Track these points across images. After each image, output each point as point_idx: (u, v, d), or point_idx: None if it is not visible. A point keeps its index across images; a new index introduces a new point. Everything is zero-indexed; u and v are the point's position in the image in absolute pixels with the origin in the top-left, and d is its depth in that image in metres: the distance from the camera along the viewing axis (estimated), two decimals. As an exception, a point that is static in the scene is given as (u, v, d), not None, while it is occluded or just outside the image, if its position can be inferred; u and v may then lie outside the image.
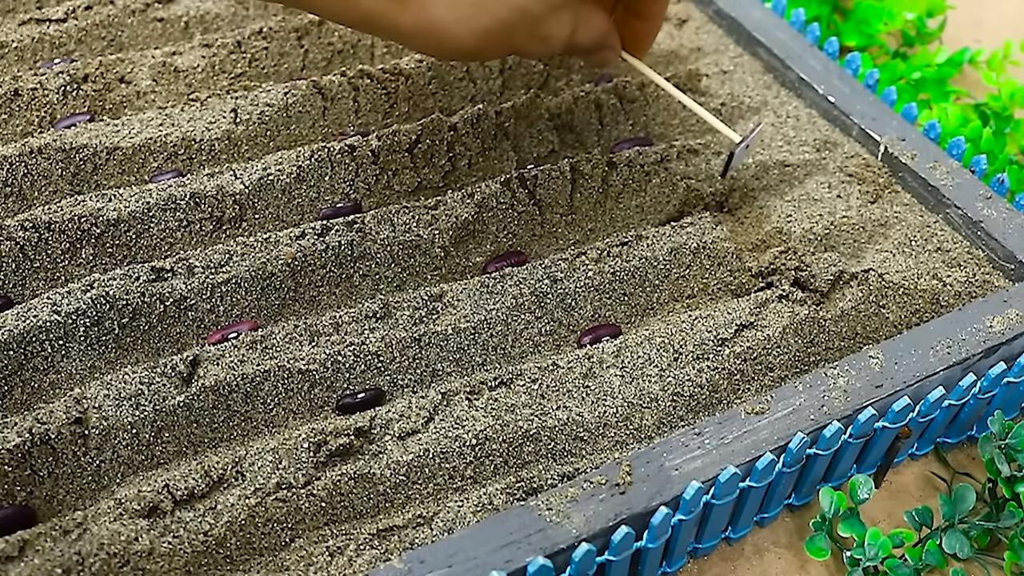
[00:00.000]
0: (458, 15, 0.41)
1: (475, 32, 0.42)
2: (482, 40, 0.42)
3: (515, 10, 0.42)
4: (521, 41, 0.44)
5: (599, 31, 0.48)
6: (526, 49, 0.46)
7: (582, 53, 0.50)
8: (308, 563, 0.41)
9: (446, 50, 0.43)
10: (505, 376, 0.46)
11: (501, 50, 0.45)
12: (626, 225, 0.55)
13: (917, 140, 0.59)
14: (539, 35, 0.45)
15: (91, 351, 0.46)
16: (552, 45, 0.46)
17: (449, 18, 0.41)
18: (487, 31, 0.42)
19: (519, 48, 0.46)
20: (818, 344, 0.49)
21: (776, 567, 0.46)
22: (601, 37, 0.48)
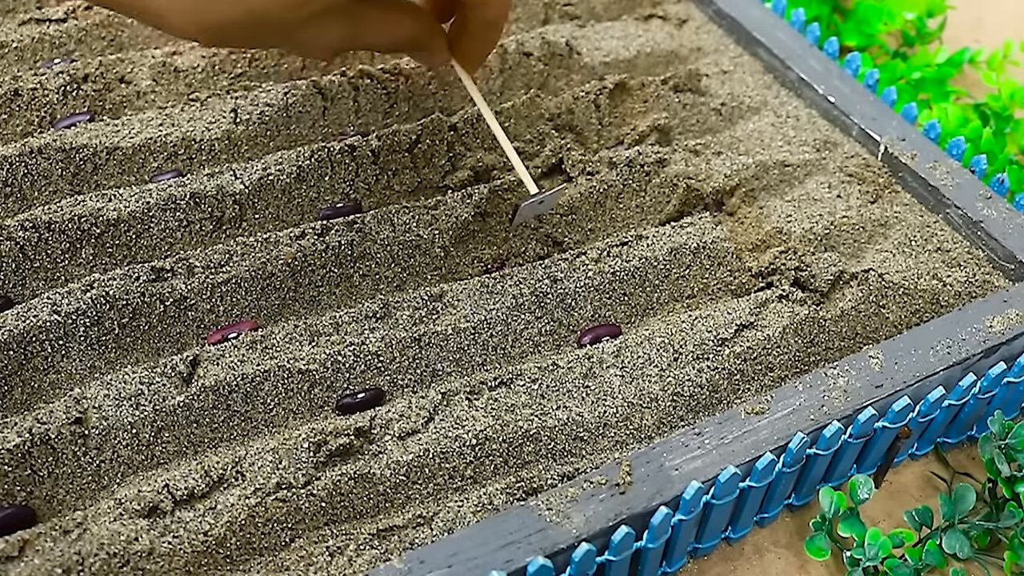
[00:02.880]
0: (184, 7, 0.37)
1: (199, 25, 0.38)
2: (210, 35, 0.39)
3: (244, 11, 0.37)
4: (273, 41, 0.41)
5: (402, 35, 0.45)
6: (288, 48, 0.43)
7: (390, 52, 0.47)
8: (308, 563, 0.41)
9: (178, 36, 0.40)
10: (505, 376, 0.46)
11: (247, 44, 0.42)
12: (626, 225, 0.55)
13: (917, 140, 0.59)
14: (295, 40, 0.41)
15: (91, 351, 0.46)
16: (316, 50, 0.42)
17: (173, 8, 0.37)
18: (215, 26, 0.38)
19: (276, 46, 0.43)
20: (818, 344, 0.49)
21: (776, 567, 0.46)
22: (407, 41, 0.45)
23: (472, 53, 0.48)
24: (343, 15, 0.41)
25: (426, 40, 0.46)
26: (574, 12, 0.69)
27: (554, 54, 0.63)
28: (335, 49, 0.42)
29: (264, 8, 0.38)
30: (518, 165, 0.48)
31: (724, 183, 0.56)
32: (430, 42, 0.46)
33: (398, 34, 0.44)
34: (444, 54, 0.47)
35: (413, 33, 0.45)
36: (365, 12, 0.43)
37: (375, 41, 0.44)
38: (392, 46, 0.45)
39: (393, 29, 0.44)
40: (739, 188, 0.57)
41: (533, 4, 0.68)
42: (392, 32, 0.44)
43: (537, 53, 0.62)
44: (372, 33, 0.43)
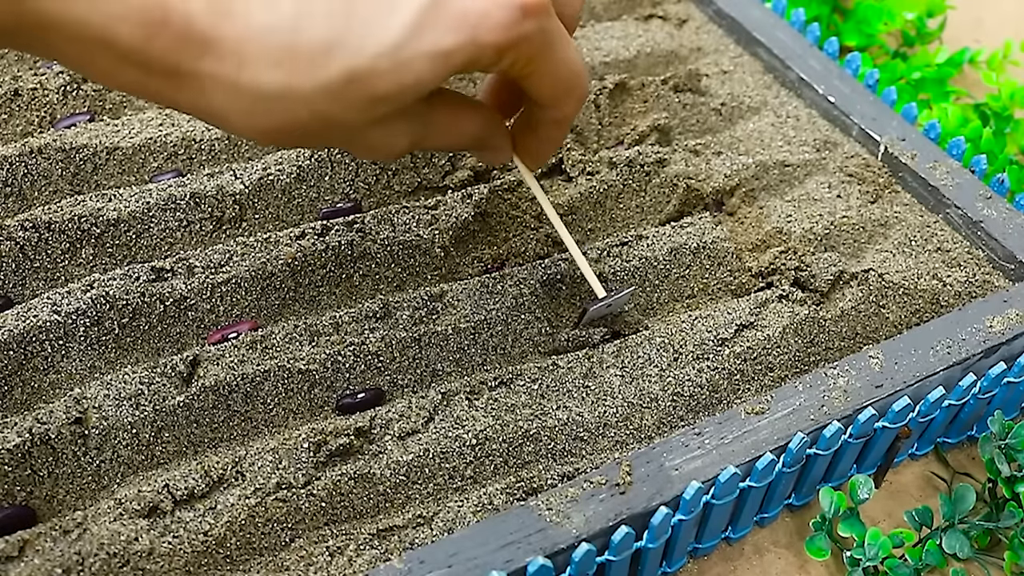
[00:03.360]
0: (244, 107, 0.34)
1: (265, 130, 0.35)
2: (276, 138, 0.36)
3: (316, 115, 0.35)
4: (339, 144, 0.38)
5: (467, 135, 0.42)
6: (354, 152, 0.39)
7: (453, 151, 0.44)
8: (308, 563, 0.41)
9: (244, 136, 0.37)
10: (505, 376, 0.46)
11: (310, 145, 0.39)
12: (626, 225, 0.55)
13: (917, 140, 0.59)
14: (361, 143, 0.38)
15: (91, 351, 0.46)
16: (386, 153, 0.39)
17: (233, 109, 0.34)
18: (280, 131, 0.35)
19: (344, 148, 0.40)
20: (818, 344, 0.49)
21: (776, 567, 0.46)
22: (471, 141, 0.43)
23: (537, 151, 0.45)
24: (413, 118, 0.39)
25: (490, 139, 0.44)
26: (574, 12, 0.68)
27: (554, 54, 0.63)
28: (401, 152, 0.40)
29: (331, 112, 0.35)
30: (586, 269, 0.47)
31: (724, 183, 0.56)
32: (496, 140, 0.44)
33: (464, 135, 0.42)
34: (508, 152, 0.45)
35: (479, 133, 0.42)
36: (434, 114, 0.40)
37: (444, 141, 0.42)
38: (459, 145, 0.43)
39: (460, 130, 0.42)
40: (739, 188, 0.57)
41: (533, 4, 0.68)
42: (459, 133, 0.42)
43: (537, 53, 0.62)
44: (439, 135, 0.41)
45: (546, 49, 0.37)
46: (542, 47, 0.37)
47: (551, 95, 0.39)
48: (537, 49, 0.36)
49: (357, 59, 0.33)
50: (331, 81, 0.33)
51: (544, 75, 0.38)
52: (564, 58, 0.38)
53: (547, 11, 0.36)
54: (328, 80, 0.33)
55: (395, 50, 0.33)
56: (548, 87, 0.39)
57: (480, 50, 0.35)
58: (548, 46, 0.37)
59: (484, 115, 0.43)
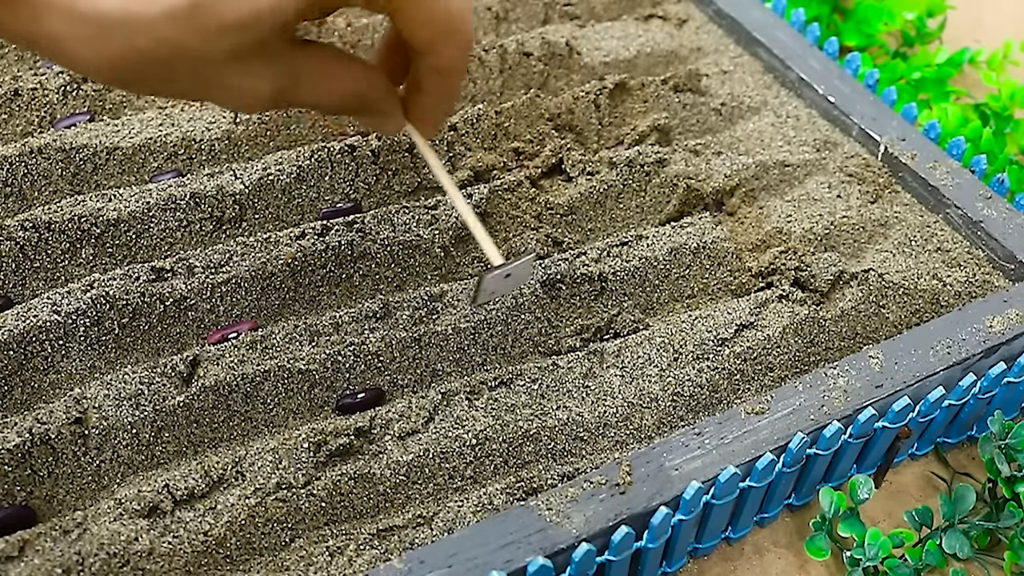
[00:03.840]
0: (82, 34, 0.31)
1: (106, 62, 0.32)
2: (119, 74, 0.33)
3: (161, 43, 0.32)
4: (193, 86, 0.35)
5: (345, 93, 0.39)
6: (210, 98, 0.36)
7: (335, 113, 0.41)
8: (308, 563, 0.41)
9: (82, 71, 0.34)
10: (505, 376, 0.46)
11: (163, 88, 0.35)
12: (626, 225, 0.55)
13: (917, 140, 0.59)
14: (219, 85, 0.35)
15: (91, 351, 0.46)
16: (247, 99, 0.36)
17: (71, 36, 0.32)
18: (122, 63, 0.32)
19: (198, 95, 0.36)
20: (818, 344, 0.49)
21: (776, 567, 0.46)
22: (351, 101, 0.39)
23: (428, 113, 0.42)
24: (275, 59, 0.36)
25: (377, 100, 0.40)
26: (574, 12, 0.69)
27: (554, 54, 0.63)
28: (265, 100, 0.36)
29: (176, 40, 0.32)
30: (480, 234, 0.42)
31: (724, 183, 0.56)
32: (381, 103, 0.41)
33: (342, 89, 0.39)
34: (397, 118, 0.42)
35: (360, 90, 0.39)
36: (303, 59, 0.37)
37: (315, 96, 0.38)
38: (336, 104, 0.40)
39: (336, 84, 0.38)
40: (739, 188, 0.57)
41: (533, 4, 0.68)
42: (335, 87, 0.38)
43: (537, 53, 0.62)
44: (311, 86, 0.38)
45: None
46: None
47: (426, 37, 0.37)
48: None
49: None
50: (175, 4, 0.31)
51: (415, 12, 0.36)
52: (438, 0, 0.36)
53: None
54: (175, 4, 0.31)
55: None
56: (421, 27, 0.36)
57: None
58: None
59: (366, 73, 0.39)
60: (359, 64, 0.39)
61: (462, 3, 0.37)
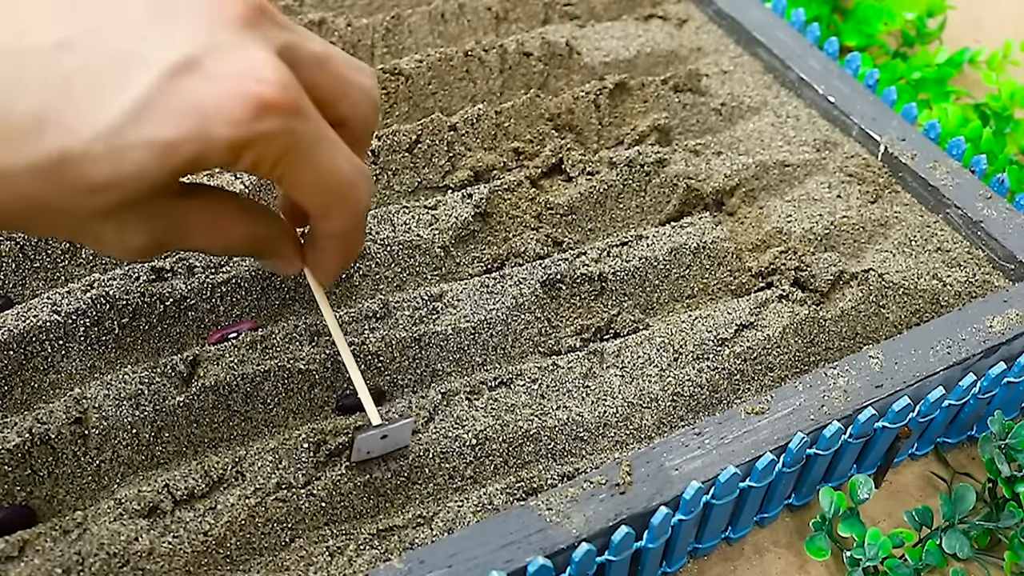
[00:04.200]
0: None
1: None
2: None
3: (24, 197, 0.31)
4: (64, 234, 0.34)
5: (238, 239, 0.38)
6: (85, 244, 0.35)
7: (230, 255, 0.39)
8: (308, 563, 0.41)
9: None
10: (505, 376, 0.46)
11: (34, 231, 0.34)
12: (626, 225, 0.55)
13: (917, 140, 0.59)
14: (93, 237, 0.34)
15: (91, 351, 0.46)
16: (120, 251, 0.35)
17: None
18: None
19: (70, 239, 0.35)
20: (818, 344, 0.49)
21: (776, 567, 0.46)
22: (246, 246, 0.39)
23: (322, 267, 0.41)
24: (152, 215, 0.34)
25: (272, 246, 0.40)
26: (574, 12, 0.69)
27: (554, 54, 0.63)
28: (145, 251, 0.35)
29: (42, 196, 0.31)
30: (362, 391, 0.41)
31: (724, 183, 0.56)
32: (277, 249, 0.40)
33: (234, 238, 0.38)
34: (295, 262, 0.41)
35: (252, 238, 0.39)
36: (189, 211, 0.36)
37: (204, 244, 0.37)
38: (229, 250, 0.39)
39: (228, 234, 0.38)
40: (739, 188, 0.57)
41: (533, 4, 0.68)
42: (226, 236, 0.38)
43: (537, 53, 0.62)
44: (199, 236, 0.37)
45: (298, 153, 0.33)
46: (291, 150, 0.33)
47: (315, 204, 0.36)
48: (284, 151, 0.33)
49: (70, 139, 0.30)
50: (41, 161, 0.30)
51: (301, 182, 0.35)
52: (327, 165, 0.35)
53: (295, 110, 0.32)
54: (38, 159, 0.30)
55: (112, 134, 0.30)
56: (309, 195, 0.35)
57: (209, 145, 0.31)
58: (300, 149, 0.33)
59: (259, 218, 0.39)
60: (253, 211, 0.39)
61: (352, 167, 0.36)
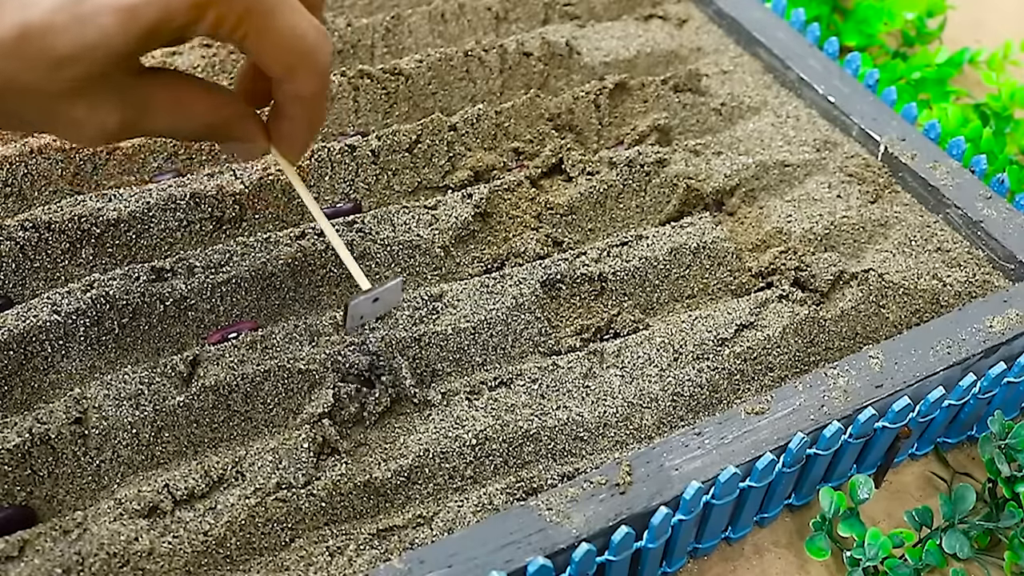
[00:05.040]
0: None
1: None
2: None
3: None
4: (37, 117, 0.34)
5: (201, 120, 0.38)
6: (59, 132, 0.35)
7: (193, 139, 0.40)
8: (308, 563, 0.41)
9: None
10: (505, 376, 0.46)
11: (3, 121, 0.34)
12: (626, 225, 0.55)
13: (917, 140, 0.59)
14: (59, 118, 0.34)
15: (91, 351, 0.46)
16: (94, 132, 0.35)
17: None
18: None
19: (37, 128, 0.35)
20: (818, 344, 0.49)
21: (776, 567, 0.46)
22: (208, 127, 0.38)
23: (291, 139, 0.41)
24: (120, 90, 0.34)
25: (235, 126, 0.39)
26: (574, 12, 0.69)
27: (554, 54, 0.63)
28: (114, 131, 0.35)
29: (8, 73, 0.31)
30: (348, 260, 0.42)
31: (724, 183, 0.56)
32: (240, 129, 0.40)
33: (197, 117, 0.38)
34: (260, 143, 0.41)
35: (217, 117, 0.38)
36: (153, 89, 0.36)
37: (169, 125, 0.37)
38: (193, 131, 0.39)
39: (190, 112, 0.37)
40: (739, 188, 0.57)
41: (533, 4, 0.68)
42: (189, 115, 0.37)
43: (537, 53, 0.62)
44: (163, 115, 0.37)
45: (258, 12, 0.34)
46: (252, 8, 0.34)
47: (280, 65, 0.36)
48: (245, 10, 0.34)
49: (30, 12, 0.30)
50: (2, 37, 0.30)
51: (264, 42, 0.35)
52: (288, 23, 0.35)
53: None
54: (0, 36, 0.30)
55: (74, 3, 0.31)
56: (273, 56, 0.36)
57: (170, 6, 0.32)
58: (260, 8, 0.34)
59: (221, 98, 0.39)
60: (215, 91, 0.39)
61: (314, 27, 0.36)
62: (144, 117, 0.36)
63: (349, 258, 0.42)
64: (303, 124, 0.40)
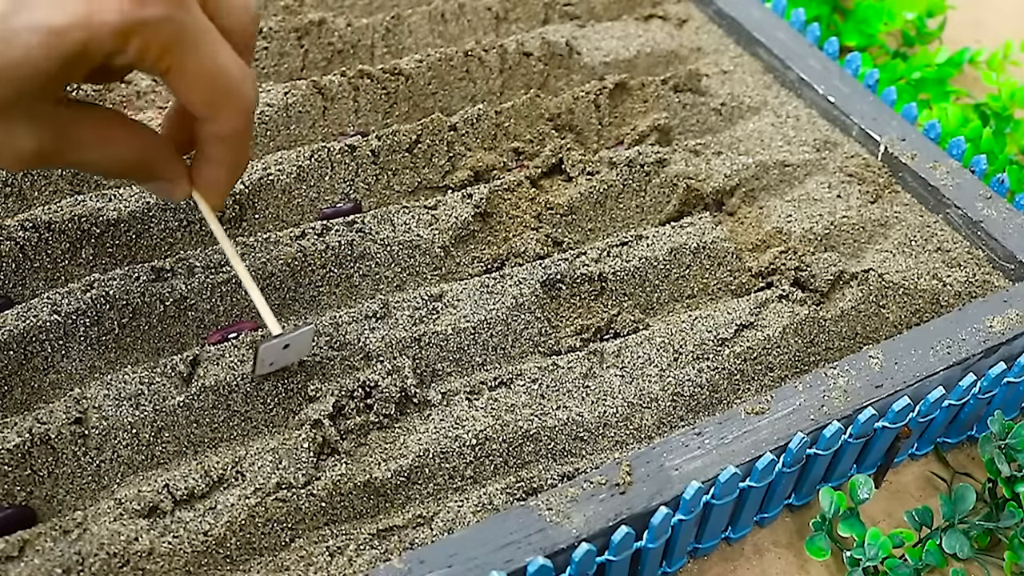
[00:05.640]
0: None
1: None
2: None
3: None
4: None
5: (124, 158, 0.38)
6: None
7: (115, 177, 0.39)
8: (308, 563, 0.41)
9: None
10: (505, 376, 0.46)
11: None
12: (626, 225, 0.55)
13: (917, 140, 0.59)
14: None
15: (91, 351, 0.46)
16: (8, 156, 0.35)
17: None
18: None
19: None
20: (818, 344, 0.49)
21: (776, 567, 0.46)
22: (131, 166, 0.39)
23: (213, 182, 0.41)
24: (39, 119, 0.34)
25: (159, 167, 0.39)
26: (574, 12, 0.69)
27: (554, 54, 0.63)
28: (29, 159, 0.35)
29: None
30: (261, 303, 0.42)
31: (724, 183, 0.56)
32: (164, 170, 0.40)
33: (119, 155, 0.38)
34: (183, 185, 0.41)
35: (140, 156, 0.38)
36: (76, 123, 0.36)
37: (89, 160, 0.37)
38: (116, 169, 0.39)
39: (114, 151, 0.37)
40: (739, 188, 0.57)
41: (533, 4, 0.68)
42: (113, 152, 0.37)
43: (537, 53, 0.62)
44: (85, 150, 0.37)
45: (182, 44, 0.34)
46: (176, 41, 0.34)
47: (202, 102, 0.36)
48: (169, 42, 0.34)
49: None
50: None
51: (187, 76, 0.35)
52: (211, 59, 0.35)
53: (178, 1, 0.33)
54: None
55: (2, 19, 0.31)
56: (195, 92, 0.36)
57: (95, 31, 0.32)
58: (184, 41, 0.34)
59: (147, 138, 0.39)
60: (141, 130, 0.39)
61: (238, 66, 0.36)
62: (67, 149, 0.36)
63: (262, 301, 0.42)
64: (225, 166, 0.40)
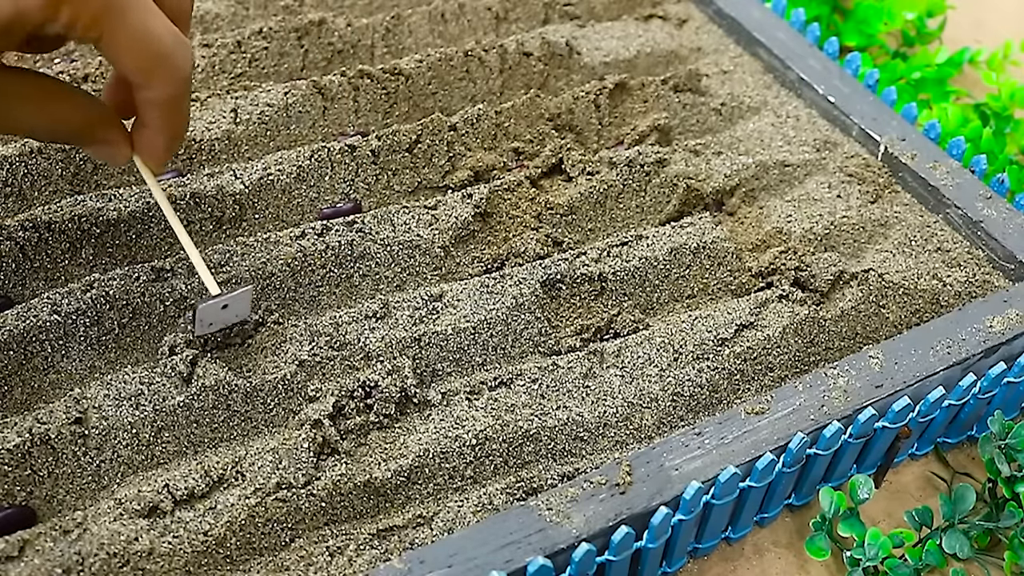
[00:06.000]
0: None
1: None
2: None
3: None
4: None
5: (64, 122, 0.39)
6: None
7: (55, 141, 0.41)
8: (308, 563, 0.41)
9: None
10: (505, 376, 0.46)
11: None
12: (626, 225, 0.55)
13: (917, 140, 0.59)
14: None
15: (91, 351, 0.46)
16: None
17: None
18: None
19: None
20: (818, 344, 0.49)
21: (776, 567, 0.46)
22: (72, 130, 0.39)
23: (151, 147, 0.41)
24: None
25: (98, 131, 0.40)
26: (574, 12, 0.69)
27: (554, 54, 0.63)
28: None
29: None
30: (199, 263, 0.43)
31: (724, 183, 0.56)
32: (102, 133, 0.40)
33: (56, 117, 0.38)
34: (123, 148, 0.41)
35: (80, 120, 0.39)
36: (13, 85, 0.37)
37: (27, 122, 0.38)
38: (54, 132, 0.39)
39: (50, 111, 0.38)
40: (739, 188, 0.57)
41: (533, 4, 0.68)
42: (51, 115, 0.38)
43: (537, 53, 0.62)
44: (22, 112, 0.37)
45: (112, 12, 0.35)
46: (105, 9, 0.34)
47: (135, 69, 0.37)
48: (99, 11, 0.34)
49: None
50: None
51: (118, 44, 0.35)
52: (143, 25, 0.36)
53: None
54: None
55: None
56: (128, 58, 0.36)
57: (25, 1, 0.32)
58: (114, 9, 0.35)
59: (85, 101, 0.39)
60: (78, 94, 0.39)
61: (171, 32, 0.37)
62: (5, 114, 0.37)
63: (200, 261, 0.43)
64: (162, 131, 0.40)
